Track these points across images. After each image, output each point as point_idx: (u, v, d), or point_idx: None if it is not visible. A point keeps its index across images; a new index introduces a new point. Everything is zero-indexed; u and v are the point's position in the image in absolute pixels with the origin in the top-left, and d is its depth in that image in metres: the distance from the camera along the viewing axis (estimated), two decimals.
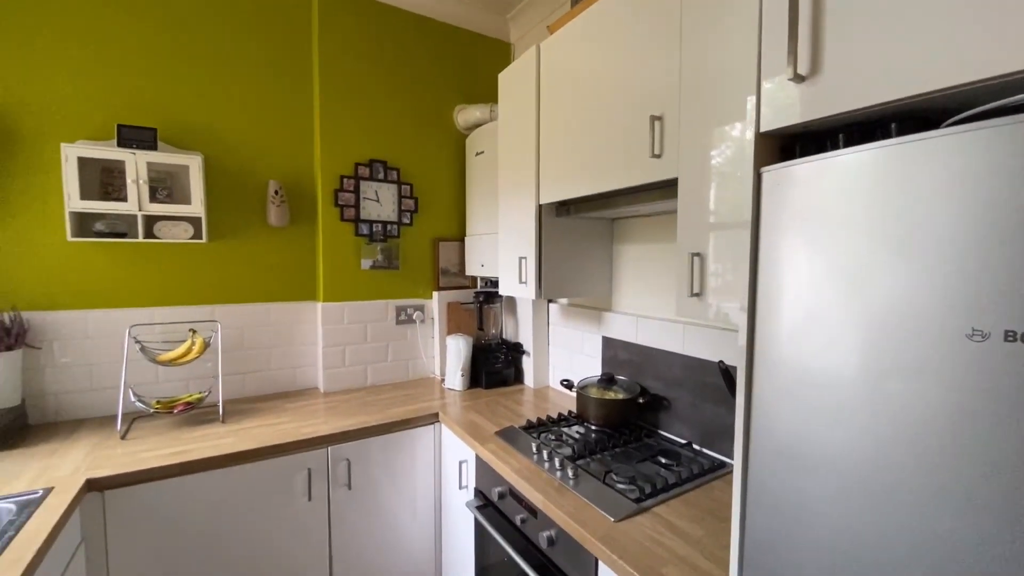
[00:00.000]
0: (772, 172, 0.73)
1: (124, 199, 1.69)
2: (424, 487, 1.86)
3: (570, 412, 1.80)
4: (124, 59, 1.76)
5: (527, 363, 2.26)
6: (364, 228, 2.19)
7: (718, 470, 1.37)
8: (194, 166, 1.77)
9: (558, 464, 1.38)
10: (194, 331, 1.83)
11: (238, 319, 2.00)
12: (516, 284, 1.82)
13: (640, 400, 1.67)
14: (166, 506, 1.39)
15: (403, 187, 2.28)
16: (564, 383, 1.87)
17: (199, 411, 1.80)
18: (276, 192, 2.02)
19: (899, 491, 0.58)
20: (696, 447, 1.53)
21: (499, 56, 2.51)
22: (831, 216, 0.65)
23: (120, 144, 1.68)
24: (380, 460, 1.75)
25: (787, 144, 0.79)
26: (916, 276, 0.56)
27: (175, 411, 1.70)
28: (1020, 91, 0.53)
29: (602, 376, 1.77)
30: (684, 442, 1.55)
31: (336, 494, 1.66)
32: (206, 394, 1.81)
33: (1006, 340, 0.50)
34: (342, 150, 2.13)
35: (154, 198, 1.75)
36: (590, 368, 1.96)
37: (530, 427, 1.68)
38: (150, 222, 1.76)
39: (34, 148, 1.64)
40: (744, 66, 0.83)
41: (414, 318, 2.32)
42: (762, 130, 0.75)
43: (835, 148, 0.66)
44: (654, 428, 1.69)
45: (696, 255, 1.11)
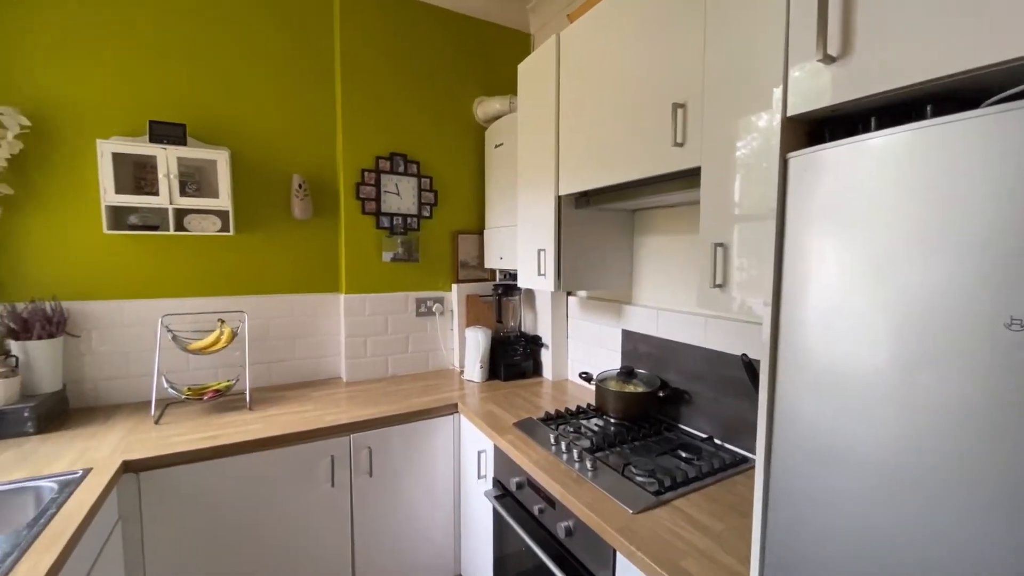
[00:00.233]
0: (799, 158, 0.70)
1: (156, 193, 1.75)
2: (443, 476, 1.88)
3: (589, 405, 1.79)
4: (155, 58, 1.82)
5: (546, 356, 2.26)
6: (385, 221, 2.22)
7: (740, 465, 1.35)
8: (221, 161, 1.82)
9: (576, 456, 1.38)
10: (222, 321, 1.89)
11: (264, 310, 2.05)
12: (535, 276, 1.81)
13: (660, 394, 1.65)
14: (197, 488, 1.44)
15: (423, 180, 2.29)
16: (583, 376, 1.87)
17: (227, 398, 1.87)
18: (300, 186, 2.05)
19: (930, 487, 0.56)
20: (717, 442, 1.50)
21: (519, 47, 2.49)
22: (861, 203, 0.62)
23: (152, 140, 1.73)
24: (400, 449, 1.78)
25: (815, 130, 0.76)
26: (952, 264, 0.54)
27: (205, 398, 1.76)
28: None
29: (622, 369, 1.75)
30: (705, 436, 1.53)
31: (358, 481, 1.70)
32: (234, 382, 1.87)
33: None
34: (363, 144, 2.15)
35: (184, 192, 1.81)
36: (609, 362, 1.95)
37: (548, 419, 1.68)
38: (180, 215, 1.82)
39: (72, 144, 1.71)
40: (771, 48, 0.80)
41: (433, 310, 2.34)
42: (789, 114, 0.73)
43: (866, 132, 0.63)
44: (674, 422, 1.67)
45: (719, 245, 1.09)
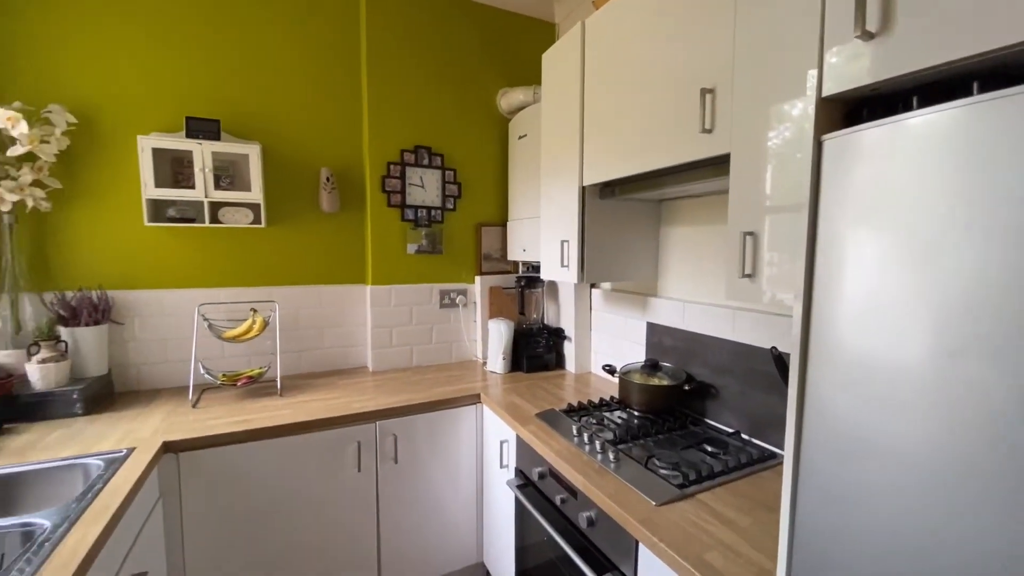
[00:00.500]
0: (835, 140, 0.68)
1: (192, 187, 1.82)
2: (467, 464, 1.91)
3: (612, 398, 1.78)
4: (190, 56, 1.88)
5: (568, 348, 2.25)
6: (410, 213, 2.24)
7: (768, 461, 1.32)
8: (253, 155, 1.88)
9: (599, 447, 1.38)
10: (255, 310, 1.95)
11: (294, 300, 2.11)
12: (558, 268, 1.81)
13: (685, 387, 1.62)
14: (232, 469, 1.51)
15: (447, 172, 2.31)
16: (606, 368, 1.85)
17: (259, 385, 1.93)
18: (328, 179, 2.10)
19: (972, 483, 0.53)
20: (745, 437, 1.47)
21: (543, 37, 2.47)
22: (901, 186, 0.59)
23: (188, 135, 1.80)
24: (425, 437, 1.81)
25: (852, 111, 0.73)
26: (999, 250, 0.51)
27: (239, 384, 1.83)
28: None
29: (646, 362, 1.73)
30: (732, 431, 1.50)
31: (383, 467, 1.74)
32: (266, 369, 1.93)
33: None
34: (389, 137, 2.18)
35: (218, 186, 1.87)
36: (633, 354, 1.93)
37: (571, 410, 1.68)
38: (215, 208, 1.89)
39: (115, 141, 1.79)
40: (805, 28, 0.77)
41: (457, 302, 2.37)
42: (825, 95, 0.70)
43: (908, 111, 0.60)
44: (700, 416, 1.64)
45: (749, 234, 1.06)
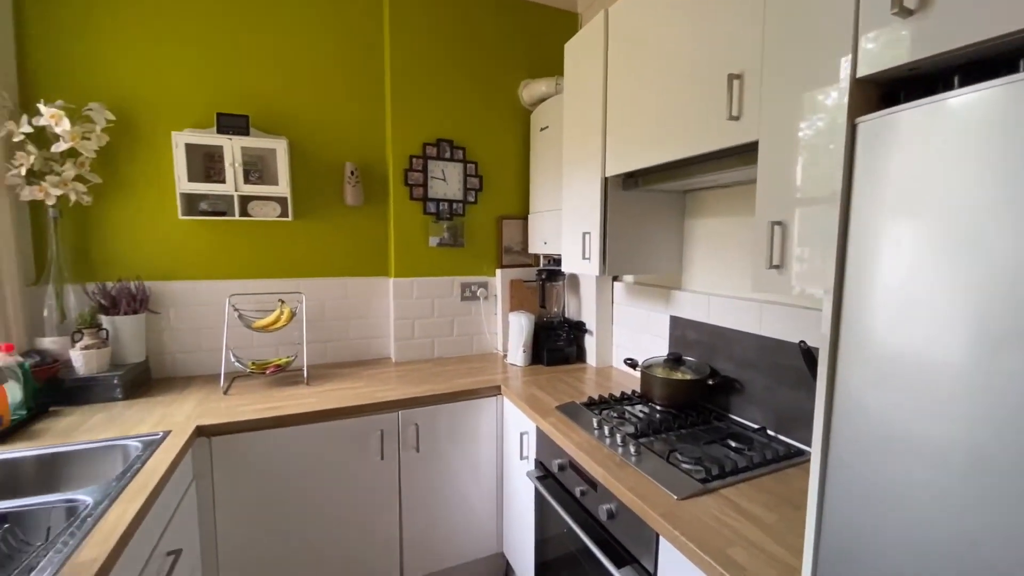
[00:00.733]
0: (870, 122, 0.65)
1: (223, 181, 1.87)
2: (487, 455, 1.92)
3: (634, 392, 1.76)
4: (221, 54, 1.93)
5: (589, 342, 2.24)
6: (432, 207, 2.26)
7: (795, 457, 1.28)
8: (280, 149, 1.92)
9: (620, 440, 1.37)
10: (283, 301, 2.01)
11: (320, 292, 2.16)
12: (579, 260, 1.79)
13: (710, 382, 1.59)
14: (261, 453, 1.56)
15: (468, 166, 2.31)
16: (628, 362, 1.83)
17: (287, 374, 1.99)
18: (352, 173, 2.13)
19: (1014, 480, 0.51)
20: (771, 433, 1.44)
21: (566, 27, 2.44)
22: (940, 171, 0.57)
23: (219, 131, 1.85)
24: (446, 427, 1.83)
25: (887, 93, 0.70)
26: None
27: (267, 372, 1.89)
28: None
29: (669, 356, 1.71)
30: (757, 427, 1.47)
31: (406, 455, 1.77)
32: (293, 358, 1.99)
33: None
34: (411, 131, 2.20)
35: (247, 180, 1.92)
36: (656, 348, 1.90)
37: (592, 404, 1.67)
38: (244, 202, 1.94)
39: (150, 137, 1.86)
40: (839, 6, 0.74)
41: (478, 295, 2.38)
42: (859, 76, 0.67)
43: (948, 91, 0.57)
44: (724, 412, 1.61)
45: (777, 223, 1.03)
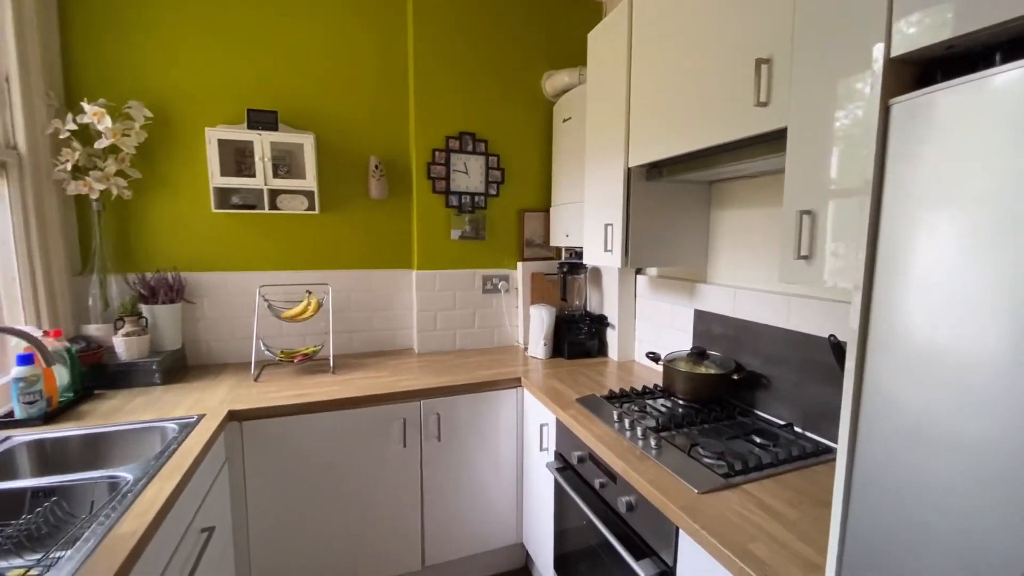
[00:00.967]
0: (904, 103, 0.62)
1: (253, 175, 1.93)
2: (507, 445, 1.94)
3: (656, 386, 1.74)
4: (251, 52, 1.99)
5: (611, 336, 2.22)
6: (454, 200, 2.28)
7: (823, 455, 1.25)
8: (308, 144, 1.97)
9: (640, 433, 1.36)
10: (310, 292, 2.06)
11: (346, 283, 2.21)
12: (601, 253, 1.78)
13: (734, 376, 1.56)
14: (289, 438, 1.61)
15: (490, 158, 2.32)
16: (650, 356, 1.81)
17: (314, 362, 2.05)
18: (376, 167, 2.17)
19: None
20: (798, 430, 1.40)
21: (589, 16, 2.40)
22: (982, 156, 0.53)
23: (249, 126, 1.91)
24: (467, 417, 1.86)
25: (923, 74, 0.66)
26: None
27: (295, 361, 1.94)
28: None
29: (692, 349, 1.68)
30: (783, 423, 1.43)
31: (427, 444, 1.80)
32: (320, 348, 2.04)
33: None
34: (434, 124, 2.21)
35: (276, 174, 1.97)
36: (680, 343, 1.87)
37: (612, 397, 1.66)
38: (274, 195, 2.00)
39: (186, 133, 1.94)
40: None
41: (499, 287, 2.39)
42: (894, 55, 0.64)
43: (990, 68, 0.54)
44: (749, 407, 1.57)
45: (806, 213, 0.99)
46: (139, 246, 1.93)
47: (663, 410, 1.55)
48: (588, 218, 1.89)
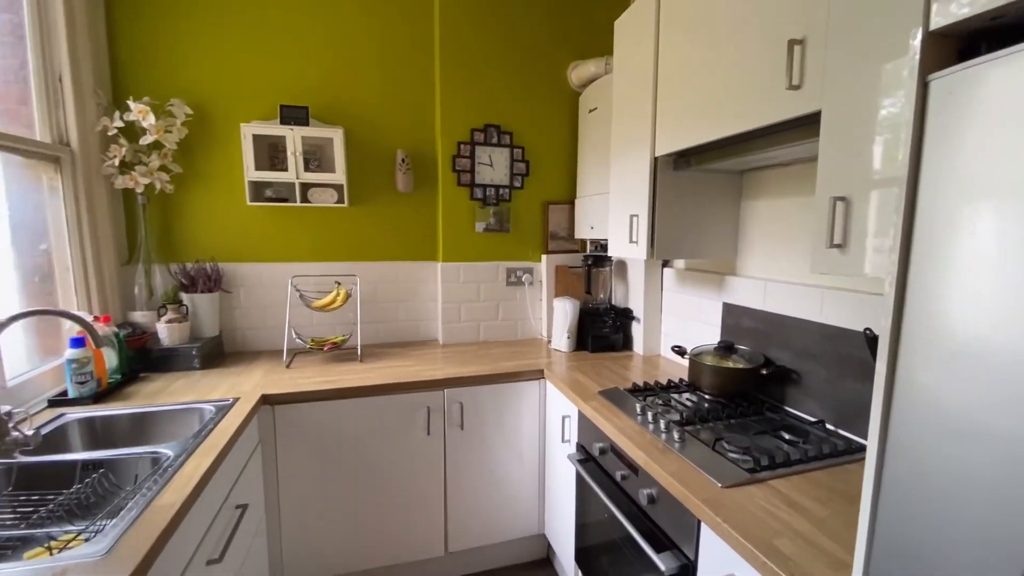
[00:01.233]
0: (945, 79, 0.58)
1: (285, 169, 2.00)
2: (529, 436, 1.95)
3: (681, 380, 1.71)
4: (284, 50, 2.05)
5: (636, 329, 2.19)
6: (478, 192, 2.29)
7: (856, 453, 1.20)
8: (337, 138, 2.01)
9: (663, 427, 1.34)
10: (339, 283, 2.12)
11: (373, 275, 2.26)
12: (626, 244, 1.75)
13: (763, 371, 1.52)
14: (318, 422, 1.67)
15: (515, 151, 2.32)
16: (675, 349, 1.78)
17: (342, 351, 2.11)
18: (403, 160, 2.20)
19: None
20: (830, 427, 1.35)
21: (616, 5, 2.35)
22: None
23: (282, 122, 1.97)
24: (489, 407, 1.87)
25: (966, 49, 0.62)
26: None
27: (325, 349, 2.01)
28: None
29: (720, 343, 1.64)
30: (814, 420, 1.38)
31: (451, 432, 1.83)
32: (348, 337, 2.10)
33: None
34: (459, 117, 2.23)
35: (307, 168, 2.03)
36: (707, 337, 1.83)
37: (636, 390, 1.64)
38: (305, 189, 2.06)
39: (223, 129, 2.02)
40: None
41: (523, 280, 2.39)
42: (933, 28, 0.60)
43: None
44: (779, 403, 1.53)
45: (840, 199, 0.95)
46: (180, 237, 2.03)
47: (688, 404, 1.52)
48: (613, 209, 1.87)
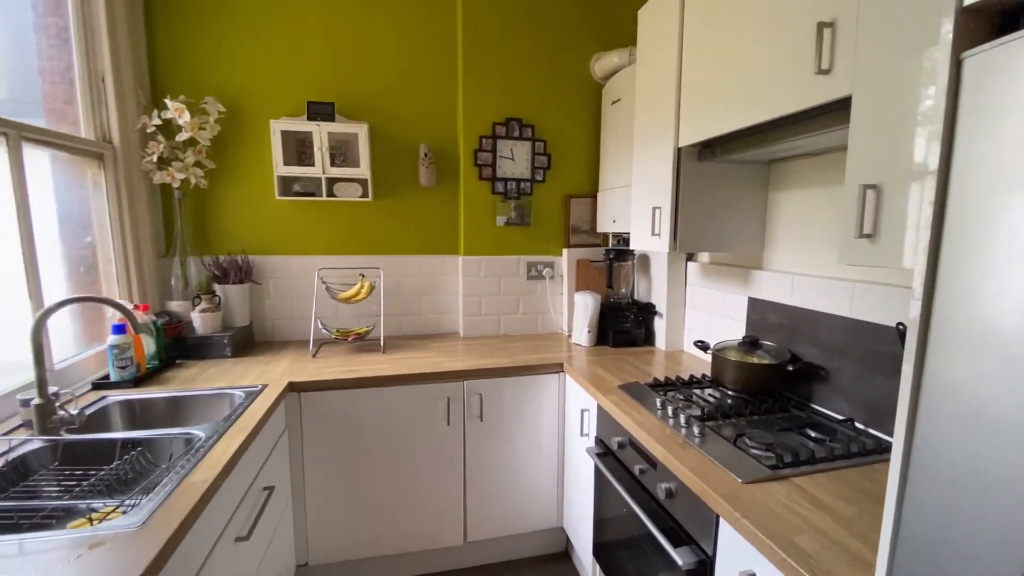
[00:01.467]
0: (980, 56, 0.55)
1: (312, 164, 2.05)
2: (548, 429, 1.95)
3: (704, 375, 1.68)
4: (311, 48, 2.10)
5: (659, 324, 2.16)
6: (500, 186, 2.30)
7: (886, 453, 1.15)
8: (362, 133, 2.05)
9: (683, 421, 1.32)
10: (363, 276, 2.17)
11: (396, 268, 2.30)
12: (648, 237, 1.73)
13: (789, 367, 1.47)
14: (343, 410, 1.72)
15: (537, 144, 2.31)
16: (698, 344, 1.75)
17: (366, 342, 2.15)
18: (426, 155, 2.22)
19: None
20: (859, 426, 1.30)
21: None
22: None
23: (309, 118, 2.02)
24: (509, 399, 1.88)
25: (1003, 25, 0.59)
26: None
27: (349, 339, 2.06)
28: None
29: (744, 339, 1.60)
30: (843, 418, 1.34)
31: (470, 423, 1.85)
32: (371, 328, 2.15)
33: None
34: (482, 111, 2.24)
35: (333, 163, 2.08)
36: (732, 332, 1.79)
37: (657, 385, 1.62)
38: (331, 183, 2.11)
39: (253, 126, 2.08)
40: None
41: (544, 274, 2.39)
42: (967, 2, 0.57)
43: None
44: (805, 400, 1.48)
45: (870, 187, 0.92)
46: (213, 231, 2.11)
47: (710, 400, 1.50)
48: (636, 201, 1.84)
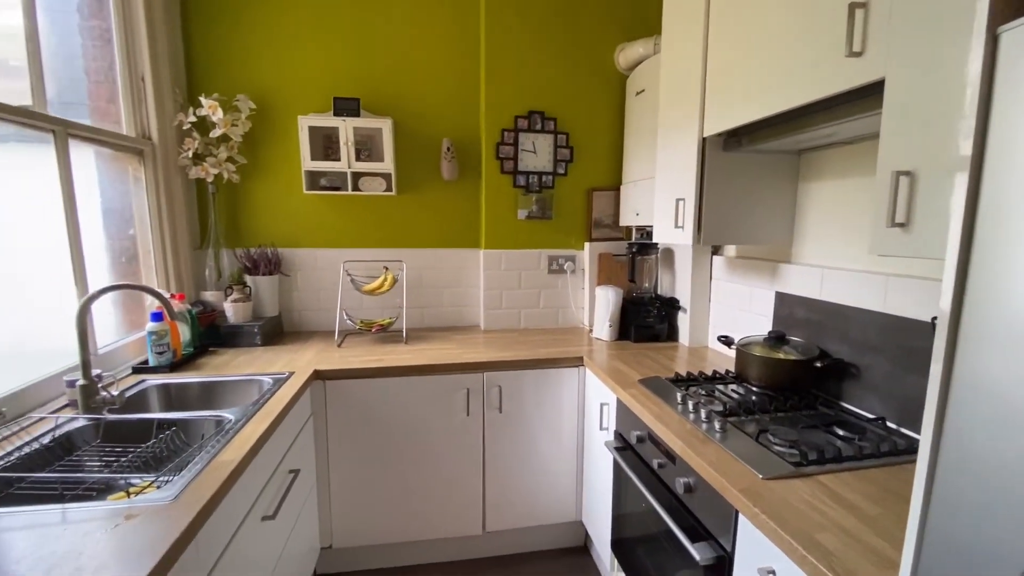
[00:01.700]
0: (1018, 29, 0.52)
1: (338, 159, 2.10)
2: (568, 422, 1.95)
3: (727, 371, 1.65)
4: (338, 45, 2.15)
5: (683, 320, 2.12)
6: (521, 179, 2.29)
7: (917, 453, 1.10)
8: (386, 128, 2.09)
9: (704, 416, 1.30)
10: (387, 268, 2.21)
11: (418, 261, 2.34)
12: (671, 229, 1.70)
13: (817, 364, 1.43)
14: (365, 398, 1.76)
15: (559, 137, 2.30)
16: (722, 339, 1.71)
17: (389, 333, 2.20)
18: (448, 149, 2.24)
19: None
20: (891, 425, 1.25)
21: None
22: None
23: (335, 113, 2.06)
24: (528, 391, 1.89)
25: None
26: None
27: (372, 330, 2.10)
28: None
29: (770, 334, 1.56)
30: (873, 417, 1.29)
31: (489, 415, 1.86)
32: (394, 320, 2.19)
33: None
34: (504, 105, 2.24)
35: (358, 158, 2.12)
36: (758, 328, 1.74)
37: (678, 380, 1.60)
38: (356, 178, 2.15)
39: (282, 122, 2.14)
40: None
41: (565, 268, 2.38)
42: None
43: None
44: (834, 398, 1.43)
45: (904, 174, 0.88)
46: (244, 224, 2.19)
47: (733, 396, 1.46)
48: (659, 193, 1.81)
